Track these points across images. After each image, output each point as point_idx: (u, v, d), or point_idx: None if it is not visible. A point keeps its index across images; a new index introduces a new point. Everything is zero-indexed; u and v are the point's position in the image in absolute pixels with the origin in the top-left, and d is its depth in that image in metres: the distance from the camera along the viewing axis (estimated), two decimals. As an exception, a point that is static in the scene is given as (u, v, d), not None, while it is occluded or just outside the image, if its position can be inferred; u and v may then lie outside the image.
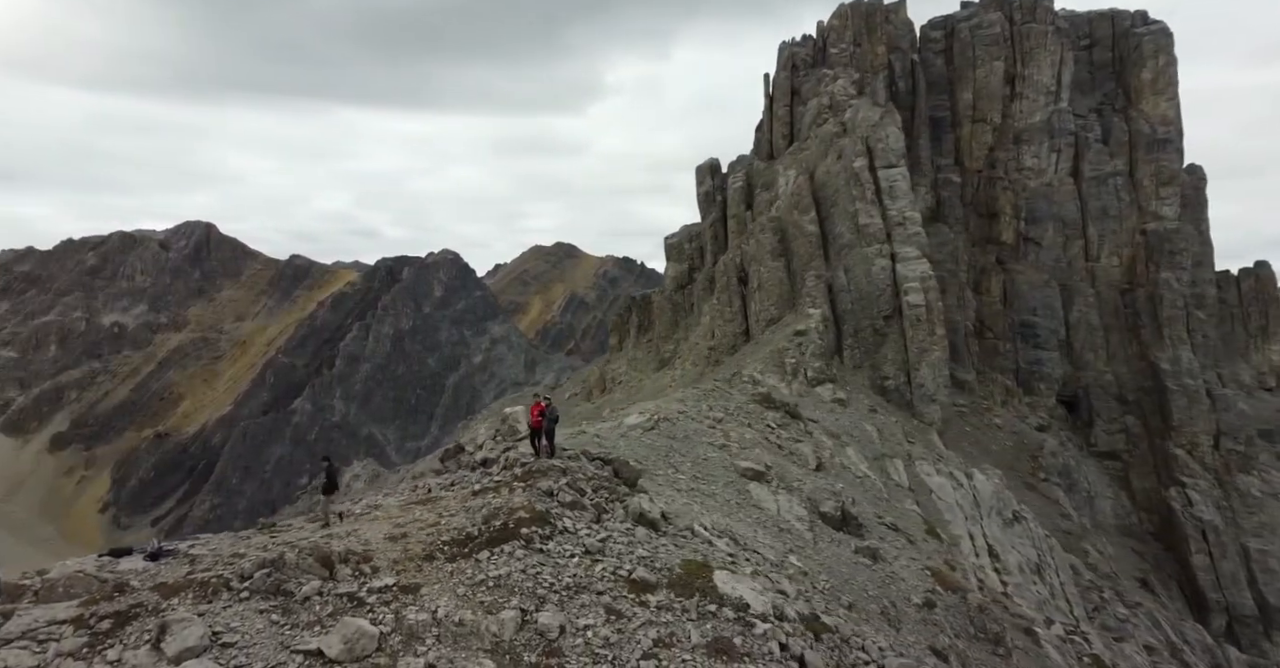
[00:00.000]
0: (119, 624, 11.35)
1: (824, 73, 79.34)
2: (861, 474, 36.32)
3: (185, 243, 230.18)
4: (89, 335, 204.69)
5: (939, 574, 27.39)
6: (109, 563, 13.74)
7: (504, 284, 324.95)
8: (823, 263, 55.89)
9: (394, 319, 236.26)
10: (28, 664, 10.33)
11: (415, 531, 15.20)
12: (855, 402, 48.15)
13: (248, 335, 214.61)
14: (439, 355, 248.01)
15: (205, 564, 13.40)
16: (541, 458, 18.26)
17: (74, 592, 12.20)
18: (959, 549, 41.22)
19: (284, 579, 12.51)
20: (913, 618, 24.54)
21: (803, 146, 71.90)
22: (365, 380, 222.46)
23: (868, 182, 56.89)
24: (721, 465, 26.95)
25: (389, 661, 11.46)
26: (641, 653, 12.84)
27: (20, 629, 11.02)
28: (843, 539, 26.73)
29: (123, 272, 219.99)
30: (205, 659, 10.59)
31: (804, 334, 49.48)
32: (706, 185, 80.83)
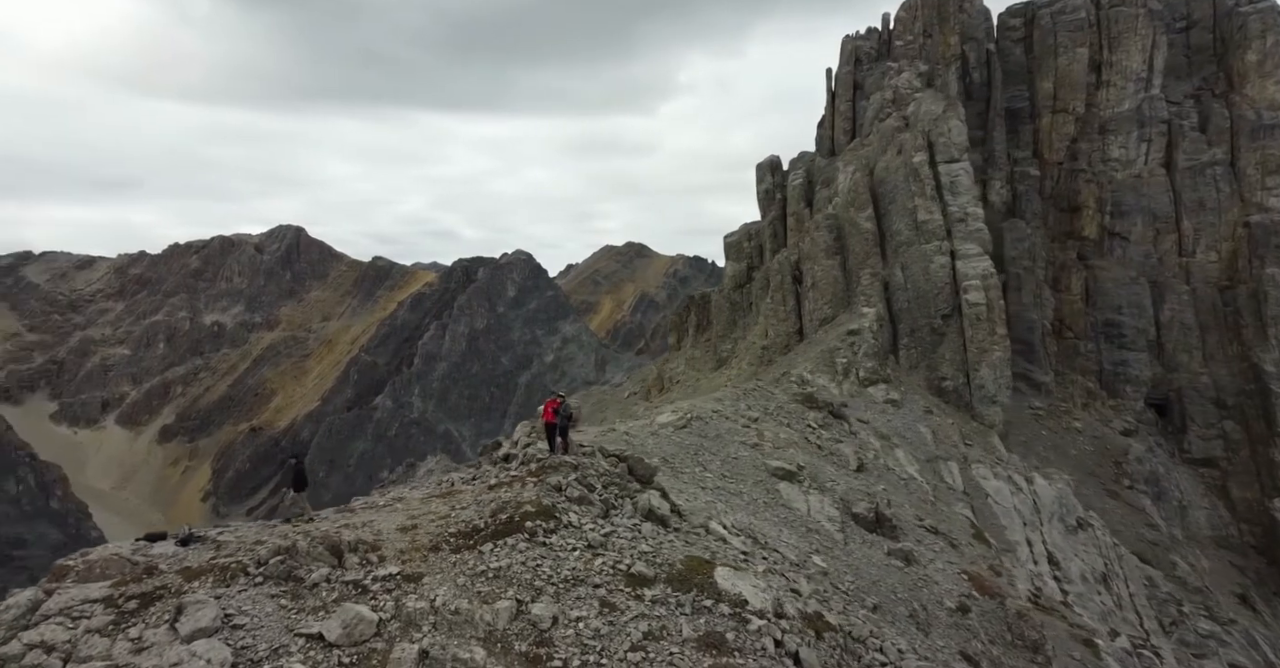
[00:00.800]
0: (144, 604, 12.12)
1: (888, 66, 77.77)
2: (907, 476, 35.73)
3: (278, 246, 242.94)
4: (192, 334, 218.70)
5: (976, 579, 26.84)
6: (144, 547, 14.56)
7: (575, 284, 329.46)
8: (879, 261, 54.93)
9: (469, 319, 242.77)
10: (61, 639, 11.22)
11: (426, 522, 15.74)
12: (909, 403, 47.23)
13: (333, 334, 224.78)
14: (512, 354, 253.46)
15: (229, 550, 14.10)
16: (556, 454, 18.93)
17: (109, 573, 13.00)
18: (1015, 556, 40.03)
19: (295, 566, 13.17)
20: (944, 622, 24.22)
21: (864, 142, 70.68)
22: (442, 379, 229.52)
23: (927, 177, 55.58)
24: (752, 465, 27.14)
25: (385, 646, 11.97)
26: (630, 645, 12.99)
27: (58, 607, 11.91)
28: (875, 541, 26.53)
29: (222, 274, 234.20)
30: (214, 640, 11.28)
31: (857, 334, 48.82)
32: (766, 183, 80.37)
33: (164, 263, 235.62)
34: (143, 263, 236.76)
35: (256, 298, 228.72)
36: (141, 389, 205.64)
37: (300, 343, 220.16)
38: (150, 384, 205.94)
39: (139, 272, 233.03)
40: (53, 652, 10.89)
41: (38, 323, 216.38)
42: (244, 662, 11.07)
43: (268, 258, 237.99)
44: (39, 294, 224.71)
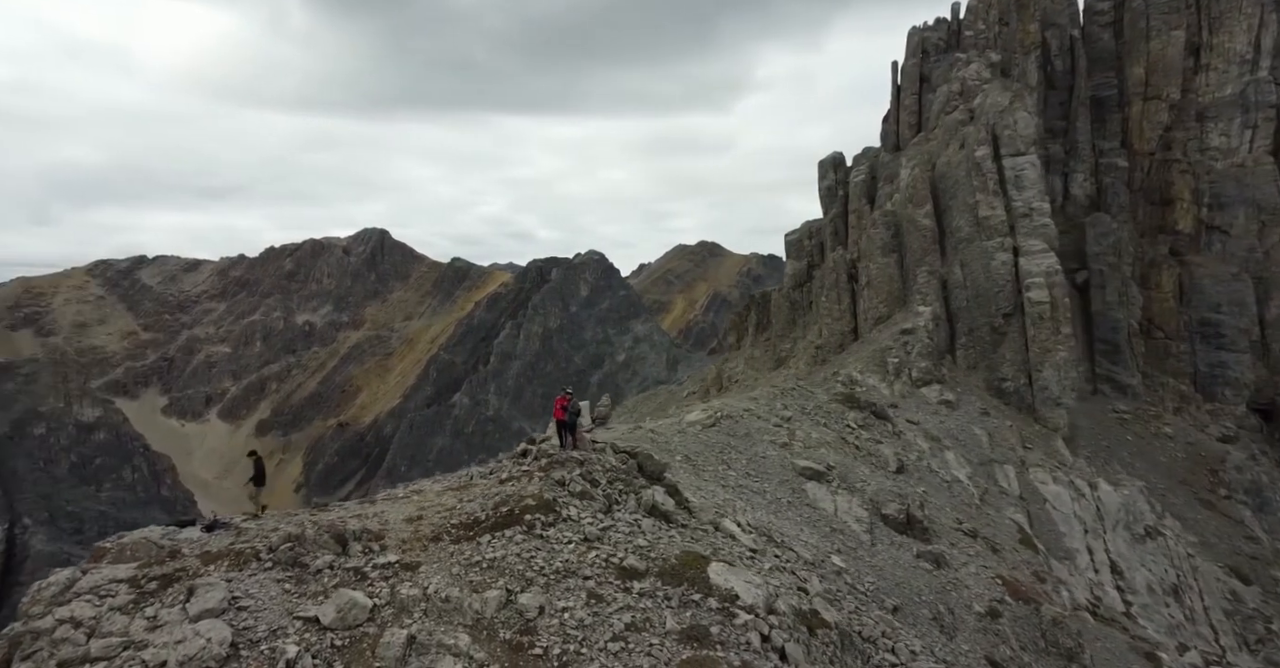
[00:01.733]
0: (163, 585, 12.84)
1: (956, 57, 75.54)
2: (951, 479, 35.04)
3: (364, 248, 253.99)
4: (286, 333, 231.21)
5: (1011, 584, 26.28)
6: (172, 532, 15.30)
7: (647, 283, 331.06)
8: (938, 258, 53.66)
9: (543, 318, 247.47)
10: (88, 615, 12.05)
11: (432, 514, 16.20)
12: (965, 404, 46.09)
13: (415, 333, 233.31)
14: (584, 353, 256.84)
15: (248, 537, 14.75)
16: (566, 450, 19.70)
17: (137, 555, 13.88)
18: (1073, 564, 38.70)
19: (302, 553, 13.75)
20: (971, 627, 23.93)
21: (929, 136, 68.95)
22: (517, 377, 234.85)
23: (990, 172, 53.92)
24: (779, 464, 27.33)
25: (377, 630, 12.39)
26: (611, 635, 13.20)
27: (89, 585, 12.81)
28: (904, 543, 26.34)
29: (313, 275, 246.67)
30: (218, 620, 11.91)
31: (911, 333, 47.92)
32: (829, 180, 79.33)
33: (261, 265, 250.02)
34: (242, 265, 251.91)
35: (344, 298, 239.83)
36: (240, 385, 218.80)
37: (384, 342, 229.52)
38: (248, 380, 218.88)
39: (239, 274, 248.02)
40: (79, 627, 11.79)
41: (151, 322, 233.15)
42: (244, 641, 11.73)
43: (354, 260, 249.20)
44: (152, 296, 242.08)
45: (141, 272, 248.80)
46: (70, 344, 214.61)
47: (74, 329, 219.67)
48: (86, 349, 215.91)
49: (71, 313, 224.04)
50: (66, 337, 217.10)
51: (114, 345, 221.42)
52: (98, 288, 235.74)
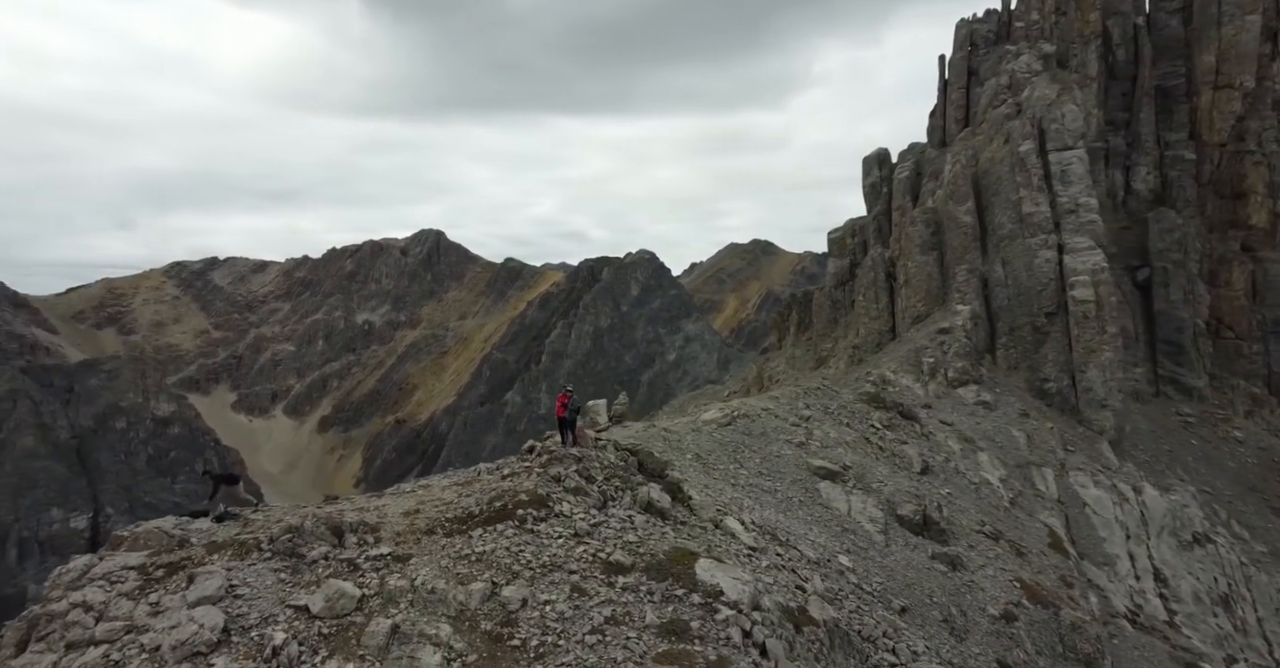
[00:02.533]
0: (169, 573, 13.35)
1: (1005, 50, 73.62)
2: (980, 481, 34.43)
3: (420, 249, 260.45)
4: (346, 332, 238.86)
5: (1030, 588, 25.84)
6: (185, 522, 15.77)
7: (699, 283, 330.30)
8: (979, 256, 52.50)
9: (594, 318, 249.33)
10: (98, 599, 12.65)
11: (430, 508, 16.52)
12: (1004, 405, 45.08)
13: (469, 332, 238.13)
14: (635, 353, 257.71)
15: (253, 528, 15.23)
16: (566, 447, 20.22)
17: (149, 544, 14.37)
18: (1113, 570, 37.63)
19: (300, 543, 14.17)
20: (984, 629, 23.70)
21: (975, 131, 67.39)
22: (568, 376, 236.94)
23: (1034, 167, 52.48)
24: (794, 463, 27.42)
25: (364, 619, 12.76)
26: (590, 628, 13.38)
27: (102, 572, 13.45)
28: (919, 544, 26.17)
29: (372, 275, 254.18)
30: (214, 607, 12.38)
31: (948, 332, 47.10)
32: (873, 176, 78.23)
33: (323, 266, 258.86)
34: (306, 266, 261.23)
35: (401, 298, 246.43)
36: (304, 382, 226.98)
37: (439, 341, 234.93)
38: (311, 378, 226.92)
39: (302, 274, 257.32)
40: (90, 611, 12.41)
41: (221, 321, 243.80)
42: (236, 628, 12.20)
43: (411, 261, 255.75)
44: (222, 296, 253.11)
45: (213, 273, 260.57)
46: (148, 342, 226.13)
47: (152, 328, 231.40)
48: (163, 347, 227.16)
49: (150, 312, 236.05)
50: (145, 335, 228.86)
51: (188, 343, 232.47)
52: (173, 288, 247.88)
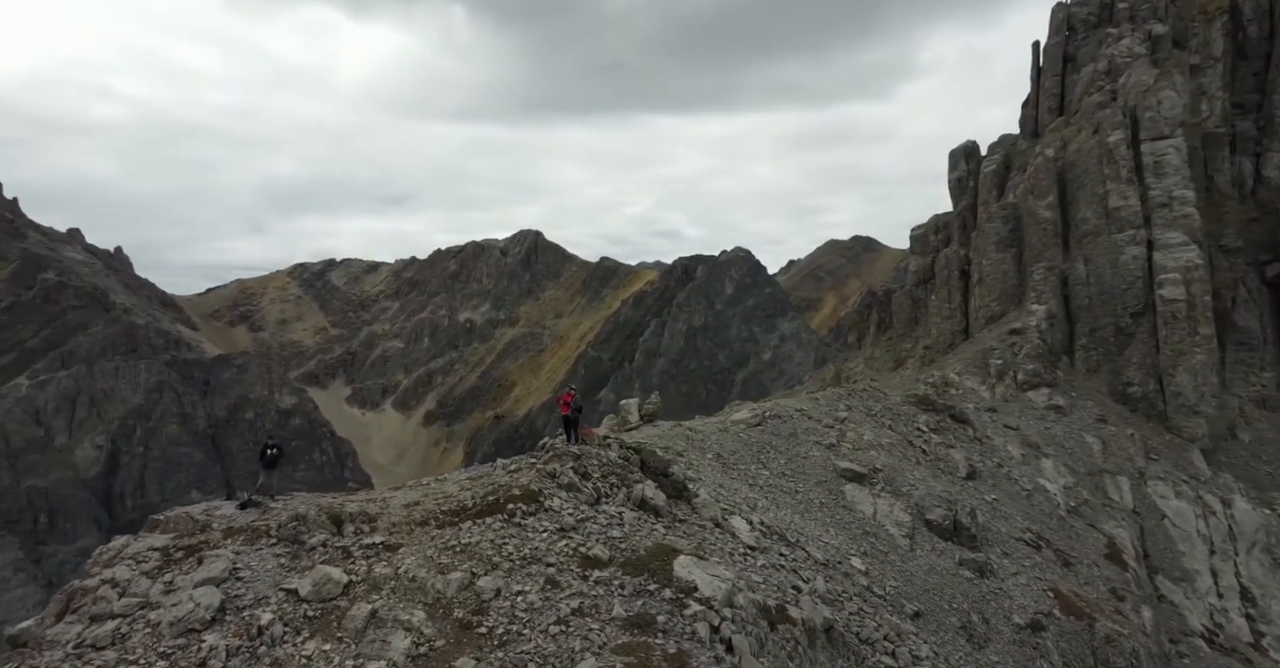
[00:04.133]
0: (186, 555, 14.29)
1: (1106, 32, 69.37)
2: (1032, 488, 33.15)
3: (519, 249, 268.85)
4: (450, 330, 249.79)
5: (1065, 598, 24.93)
6: (211, 508, 16.69)
7: (796, 281, 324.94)
8: (1059, 253, 50.00)
9: (687, 316, 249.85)
10: (125, 577, 13.71)
11: (429, 501, 17.06)
12: (1079, 409, 42.96)
13: (564, 331, 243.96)
14: (729, 352, 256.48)
15: (269, 516, 16.06)
16: (569, 444, 21.22)
17: (176, 528, 15.45)
18: (1191, 586, 35.42)
19: (303, 531, 15.03)
20: (1006, 638, 23.18)
21: (1068, 122, 63.95)
22: (661, 374, 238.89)
23: (1124, 158, 49.49)
24: (821, 465, 27.46)
25: (347, 604, 13.44)
26: (556, 619, 13.70)
27: (132, 551, 14.56)
28: (947, 549, 25.74)
29: (474, 275, 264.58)
30: (214, 587, 13.28)
31: (1020, 333, 45.23)
32: (959, 171, 75.42)
33: (429, 266, 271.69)
34: (413, 267, 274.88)
35: (501, 297, 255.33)
36: (411, 378, 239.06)
37: (536, 339, 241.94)
38: (417, 374, 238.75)
39: (410, 274, 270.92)
40: (115, 587, 13.53)
41: (338, 319, 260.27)
42: (231, 608, 13.08)
43: (511, 260, 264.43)
44: (339, 295, 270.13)
45: (331, 273, 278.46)
46: (274, 339, 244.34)
47: (278, 325, 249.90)
48: (287, 343, 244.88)
49: (276, 311, 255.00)
50: (272, 332, 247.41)
51: (308, 340, 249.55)
52: (296, 288, 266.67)
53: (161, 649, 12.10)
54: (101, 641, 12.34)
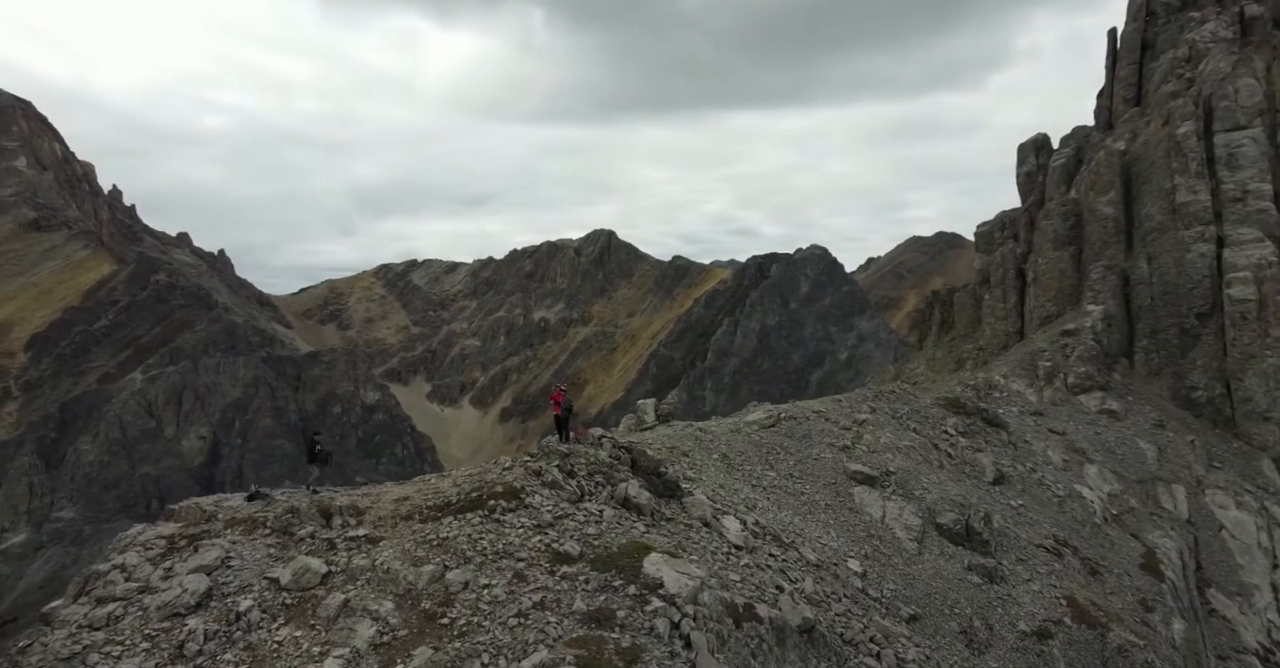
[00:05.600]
0: (188, 543, 14.96)
1: (1189, 17, 65.58)
2: (1066, 494, 32.07)
3: (593, 249, 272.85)
4: (525, 329, 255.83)
5: (1079, 606, 24.26)
6: (222, 500, 17.44)
7: (876, 279, 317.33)
8: (1121, 251, 47.76)
9: (760, 315, 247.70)
10: (133, 563, 14.42)
11: (419, 496, 17.47)
12: (1135, 413, 41.11)
13: (636, 329, 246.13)
14: (803, 351, 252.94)
15: (271, 508, 16.64)
16: (559, 443, 21.91)
17: (185, 517, 16.21)
18: (1247, 601, 33.55)
19: (294, 523, 15.62)
20: (1009, 645, 22.86)
21: (1142, 113, 60.83)
22: (733, 374, 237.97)
23: (1193, 151, 46.86)
24: (831, 467, 27.50)
25: (324, 593, 13.90)
26: (516, 612, 13.91)
27: (143, 539, 15.30)
28: (956, 554, 25.44)
29: (548, 275, 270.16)
30: (204, 575, 13.91)
31: (1073, 335, 43.55)
32: (1028, 165, 72.64)
33: (506, 266, 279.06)
34: (490, 267, 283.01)
35: (574, 296, 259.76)
36: (487, 375, 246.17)
37: (608, 337, 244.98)
38: (494, 371, 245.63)
39: (487, 275, 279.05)
40: (123, 572, 14.34)
41: (419, 318, 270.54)
42: (216, 594, 13.73)
43: (584, 260, 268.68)
44: (420, 295, 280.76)
45: (413, 274, 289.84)
46: (361, 336, 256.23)
47: (363, 324, 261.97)
48: (372, 341, 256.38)
49: (362, 310, 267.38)
50: (358, 330, 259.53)
51: (391, 338, 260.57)
52: (381, 288, 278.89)
53: (147, 631, 12.94)
54: (97, 622, 13.25)
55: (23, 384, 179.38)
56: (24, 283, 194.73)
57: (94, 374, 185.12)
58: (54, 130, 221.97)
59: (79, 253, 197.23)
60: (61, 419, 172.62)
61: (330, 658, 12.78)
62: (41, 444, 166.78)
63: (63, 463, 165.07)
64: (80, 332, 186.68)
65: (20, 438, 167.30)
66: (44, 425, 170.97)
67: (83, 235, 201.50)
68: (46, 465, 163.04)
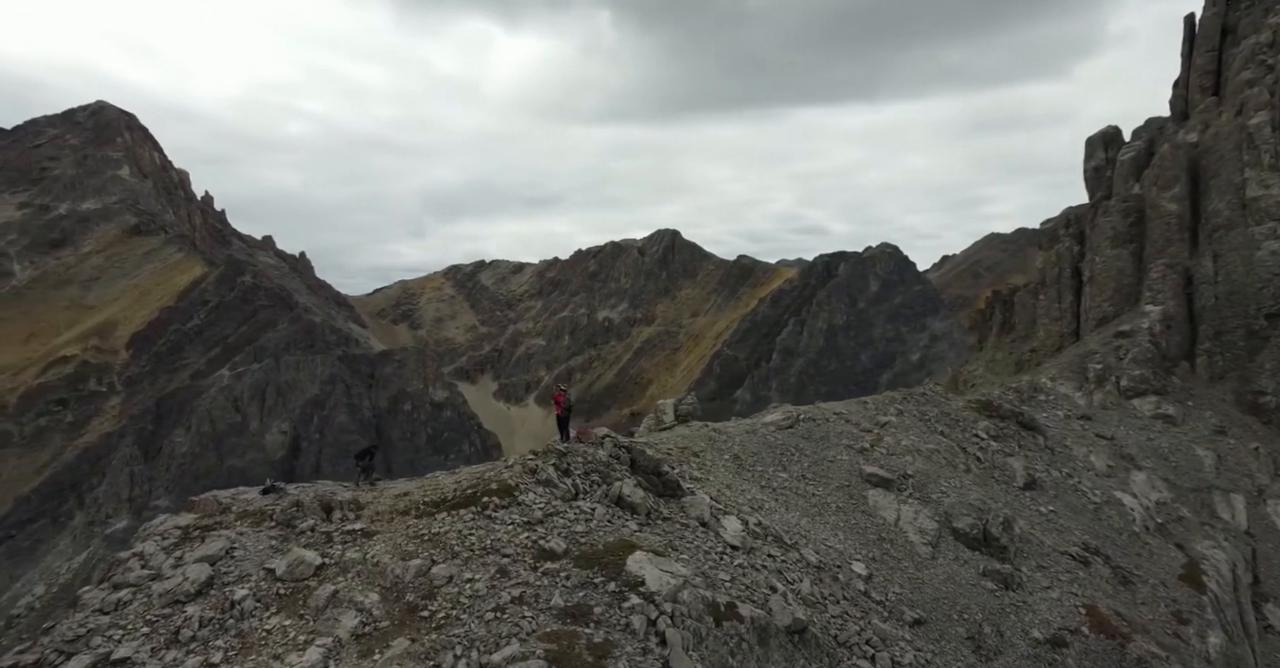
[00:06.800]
0: (201, 534, 15.63)
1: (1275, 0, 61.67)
2: (1103, 501, 30.84)
3: (656, 249, 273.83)
4: (589, 328, 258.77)
5: (1099, 615, 23.43)
6: (239, 493, 18.28)
7: (951, 277, 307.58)
8: (1184, 249, 45.38)
9: (828, 315, 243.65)
10: (150, 551, 15.25)
11: (419, 492, 17.92)
12: (1194, 419, 39.10)
13: (700, 329, 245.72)
14: (872, 352, 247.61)
15: (280, 501, 17.38)
16: (560, 442, 22.41)
17: (202, 509, 16.99)
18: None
19: (296, 516, 16.23)
20: (1019, 652, 22.34)
21: (1217, 103, 57.50)
22: (799, 374, 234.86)
23: (1265, 142, 44.17)
24: (847, 469, 27.27)
25: (316, 584, 14.38)
26: (495, 606, 14.15)
27: (162, 529, 16.14)
28: (971, 559, 24.93)
29: (612, 275, 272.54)
30: (208, 564, 14.55)
31: (1128, 336, 41.69)
32: (1096, 159, 69.44)
33: (570, 267, 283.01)
34: (556, 267, 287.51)
35: (638, 296, 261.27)
36: (552, 374, 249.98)
37: (672, 337, 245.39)
38: (558, 371, 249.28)
39: (553, 275, 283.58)
40: (140, 559, 15.17)
41: (486, 318, 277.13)
42: (217, 583, 14.33)
43: (648, 260, 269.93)
44: (488, 295, 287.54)
45: (481, 274, 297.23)
46: (431, 336, 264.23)
47: (434, 323, 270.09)
48: (442, 340, 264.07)
49: (432, 310, 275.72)
50: (429, 329, 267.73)
51: (460, 337, 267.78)
52: (450, 289, 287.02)
53: (149, 617, 13.69)
54: (107, 606, 14.05)
55: (125, 380, 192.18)
56: (126, 285, 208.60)
57: (187, 371, 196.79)
58: (154, 140, 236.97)
59: (174, 256, 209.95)
60: (158, 413, 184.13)
61: (313, 647, 13.46)
62: (141, 436, 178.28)
63: (159, 454, 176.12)
64: (175, 330, 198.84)
65: (122, 430, 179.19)
66: (143, 419, 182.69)
67: (178, 239, 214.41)
68: (145, 456, 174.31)
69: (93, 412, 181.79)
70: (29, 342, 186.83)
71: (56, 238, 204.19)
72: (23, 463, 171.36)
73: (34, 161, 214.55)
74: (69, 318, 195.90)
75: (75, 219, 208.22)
